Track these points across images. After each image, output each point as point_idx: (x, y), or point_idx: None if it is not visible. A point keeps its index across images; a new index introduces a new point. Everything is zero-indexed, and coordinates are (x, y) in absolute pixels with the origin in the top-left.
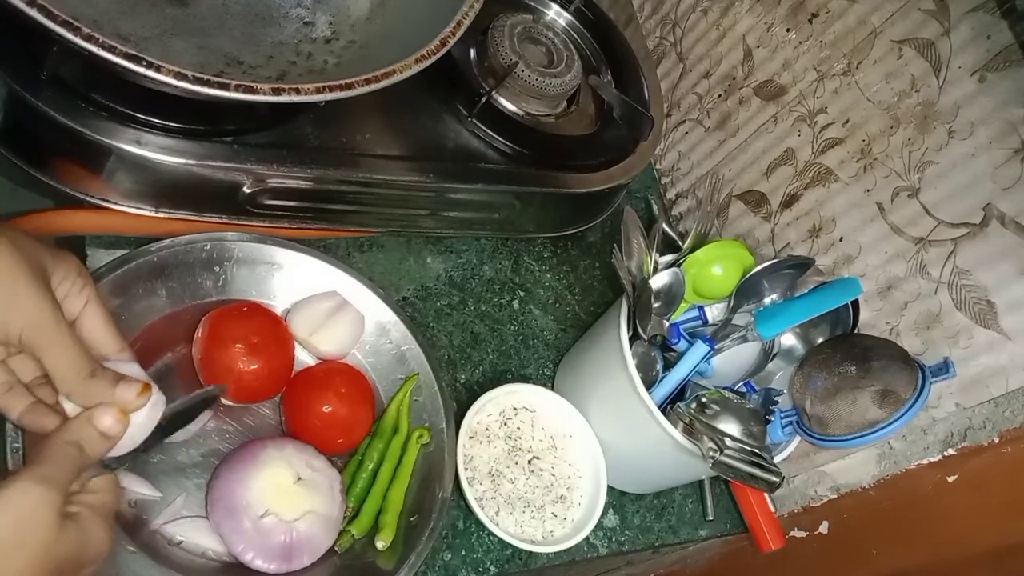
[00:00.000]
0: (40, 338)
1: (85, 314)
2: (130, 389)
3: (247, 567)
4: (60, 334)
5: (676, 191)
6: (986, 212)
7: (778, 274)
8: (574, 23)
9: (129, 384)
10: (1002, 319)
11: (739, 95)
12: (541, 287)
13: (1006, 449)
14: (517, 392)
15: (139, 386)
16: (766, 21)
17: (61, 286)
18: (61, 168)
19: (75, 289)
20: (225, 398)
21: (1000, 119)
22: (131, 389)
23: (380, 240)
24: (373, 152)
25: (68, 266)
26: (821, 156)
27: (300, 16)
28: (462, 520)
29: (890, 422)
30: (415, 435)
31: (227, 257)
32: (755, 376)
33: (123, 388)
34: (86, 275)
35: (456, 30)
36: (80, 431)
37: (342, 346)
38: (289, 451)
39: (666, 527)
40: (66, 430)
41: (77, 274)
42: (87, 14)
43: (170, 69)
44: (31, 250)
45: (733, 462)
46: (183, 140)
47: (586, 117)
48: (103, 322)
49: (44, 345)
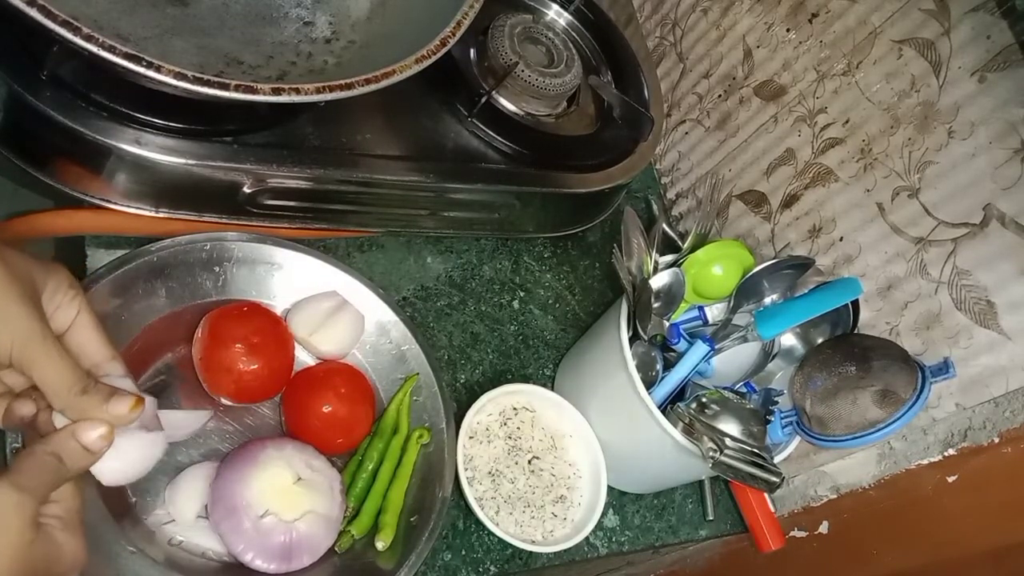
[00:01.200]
0: (30, 355)
1: (76, 324)
2: (122, 404)
3: (247, 567)
4: (49, 351)
5: (676, 191)
6: (986, 212)
7: (778, 274)
8: (574, 23)
9: (121, 398)
10: (1002, 319)
11: (739, 95)
12: (541, 287)
13: (1006, 449)
14: (517, 392)
15: (131, 400)
16: (766, 21)
17: (52, 299)
18: (61, 168)
19: (66, 300)
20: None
21: (1000, 119)
22: (123, 404)
23: (380, 240)
24: (373, 152)
25: (59, 278)
26: (821, 156)
27: (300, 16)
28: (462, 520)
29: (890, 422)
30: (415, 435)
31: (227, 257)
32: (755, 376)
33: (115, 403)
34: (76, 286)
35: (456, 30)
36: (62, 444)
37: (342, 346)
38: (289, 451)
39: (666, 527)
40: (48, 441)
41: (68, 286)
42: (87, 14)
43: (170, 69)
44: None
45: (733, 462)
46: (183, 140)
47: (586, 117)
48: (94, 332)
49: (34, 362)
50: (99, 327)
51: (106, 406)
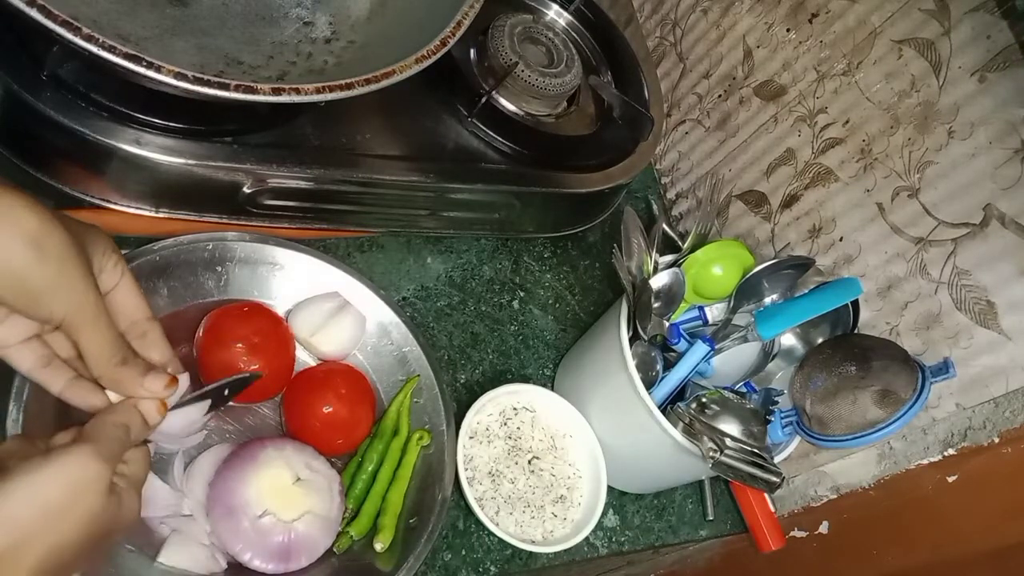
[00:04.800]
0: (80, 321)
1: (120, 287)
2: (158, 381)
3: (245, 567)
4: (99, 318)
5: (676, 191)
6: (986, 212)
7: (778, 274)
8: (574, 23)
9: (157, 376)
10: (1002, 319)
11: (739, 95)
12: (541, 287)
13: (1006, 449)
14: (517, 392)
15: (166, 379)
16: (766, 21)
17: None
18: (61, 168)
19: (110, 264)
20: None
21: (1000, 119)
22: (159, 381)
23: (380, 240)
24: (373, 152)
25: (104, 243)
26: (821, 156)
27: (300, 16)
28: (462, 520)
29: (890, 422)
30: (415, 437)
31: (229, 257)
32: (755, 376)
33: (151, 379)
34: (118, 250)
35: (456, 30)
36: (128, 414)
37: (343, 347)
38: (288, 451)
39: (666, 527)
40: (115, 412)
41: (112, 251)
42: (87, 14)
43: (170, 69)
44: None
45: (733, 462)
46: (183, 140)
47: (586, 117)
48: (136, 295)
49: (83, 328)
50: (140, 290)
51: (142, 380)
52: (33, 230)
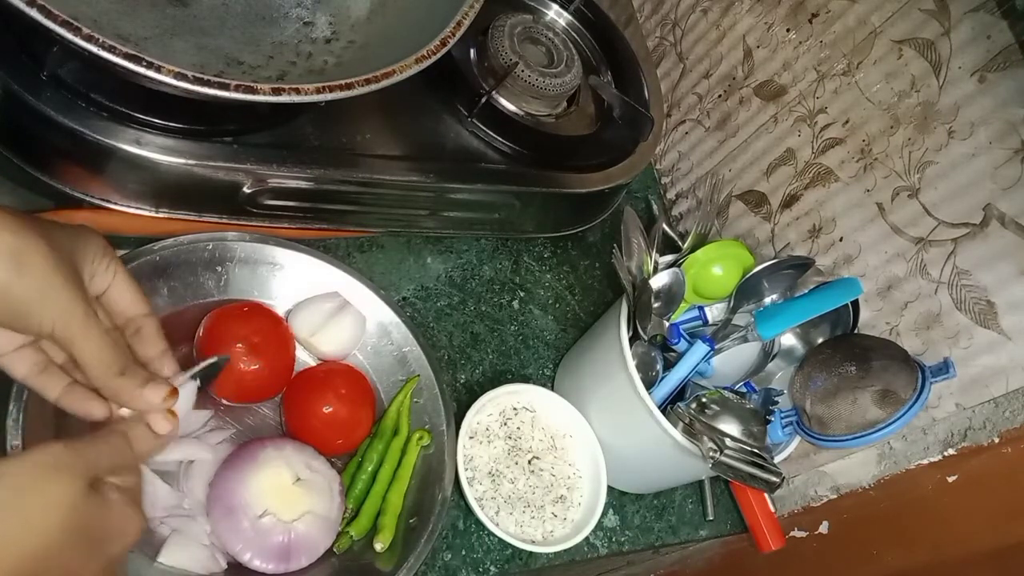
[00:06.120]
0: (70, 333)
1: (114, 286)
2: (157, 392)
3: (245, 567)
4: (88, 330)
5: (676, 191)
6: (986, 212)
7: (778, 274)
8: (574, 23)
9: (157, 386)
10: (1002, 319)
11: (739, 95)
12: (541, 287)
13: (1006, 449)
14: (517, 392)
15: (166, 389)
16: (766, 21)
17: (90, 266)
18: (61, 168)
19: (101, 268)
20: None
21: (1000, 119)
22: (158, 392)
23: (380, 240)
24: (373, 152)
25: (96, 246)
26: (821, 156)
27: (300, 16)
28: (462, 520)
29: (890, 422)
30: (415, 437)
31: (229, 257)
32: (755, 376)
33: (151, 390)
34: (111, 250)
35: (456, 30)
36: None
37: (343, 347)
38: (288, 451)
39: (666, 527)
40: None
41: (103, 252)
42: (87, 14)
43: (170, 69)
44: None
45: (733, 462)
46: (183, 140)
47: (586, 117)
48: (131, 292)
49: (74, 339)
50: (135, 286)
51: (141, 391)
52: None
